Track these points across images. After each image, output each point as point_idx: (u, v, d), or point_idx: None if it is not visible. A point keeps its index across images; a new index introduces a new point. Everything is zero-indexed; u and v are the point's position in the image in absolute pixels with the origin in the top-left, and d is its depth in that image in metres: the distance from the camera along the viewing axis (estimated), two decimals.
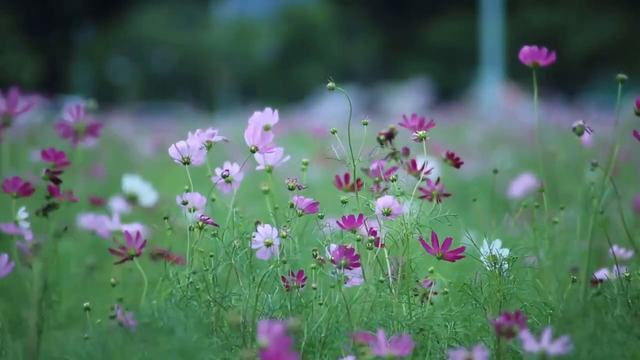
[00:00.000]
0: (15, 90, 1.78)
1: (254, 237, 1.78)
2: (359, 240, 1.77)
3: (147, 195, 2.80)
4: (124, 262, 1.81)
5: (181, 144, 1.81)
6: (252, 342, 1.73)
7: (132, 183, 2.80)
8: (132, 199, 2.79)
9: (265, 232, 1.79)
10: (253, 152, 1.84)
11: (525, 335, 1.53)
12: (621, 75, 1.82)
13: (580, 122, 1.88)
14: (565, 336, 1.53)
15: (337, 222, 1.78)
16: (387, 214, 1.79)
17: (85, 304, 1.80)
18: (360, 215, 1.78)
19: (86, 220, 2.63)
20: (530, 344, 1.52)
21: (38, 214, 1.77)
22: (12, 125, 1.79)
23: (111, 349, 1.55)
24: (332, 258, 1.74)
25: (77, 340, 1.62)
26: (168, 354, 1.53)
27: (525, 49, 1.93)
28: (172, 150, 1.81)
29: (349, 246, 1.74)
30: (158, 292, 1.75)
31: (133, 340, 1.62)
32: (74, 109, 1.74)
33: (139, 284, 2.24)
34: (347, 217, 1.78)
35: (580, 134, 1.87)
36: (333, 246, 1.78)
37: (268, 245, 1.79)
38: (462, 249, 1.78)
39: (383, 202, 1.79)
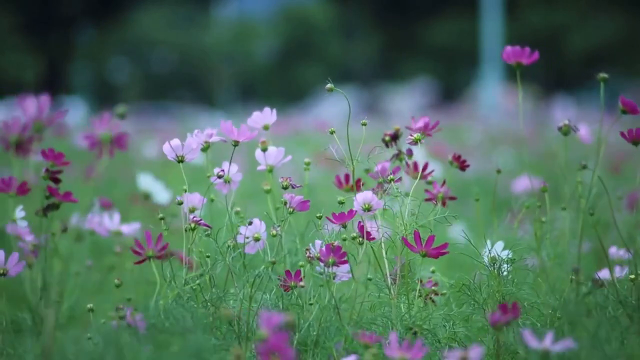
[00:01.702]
0: (47, 96, 1.62)
1: (241, 232, 1.77)
2: (344, 239, 1.75)
3: (160, 193, 2.79)
4: (142, 263, 1.78)
5: (175, 141, 1.80)
6: (247, 341, 1.72)
7: (145, 181, 2.78)
8: (145, 197, 2.79)
9: (254, 227, 1.78)
10: (235, 145, 1.83)
11: (526, 333, 1.52)
12: (602, 75, 1.81)
13: (566, 122, 1.86)
14: (568, 337, 1.52)
15: (327, 217, 1.76)
16: (368, 209, 1.77)
17: (88, 305, 1.80)
18: (350, 211, 1.77)
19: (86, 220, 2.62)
20: (533, 342, 1.51)
21: (38, 214, 1.76)
22: (43, 133, 1.60)
23: (122, 349, 1.55)
24: (319, 255, 1.72)
25: (78, 340, 1.61)
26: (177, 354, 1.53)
27: (508, 48, 1.89)
28: (166, 148, 1.79)
29: (335, 243, 1.72)
30: (159, 293, 1.74)
31: (140, 340, 1.61)
32: (101, 119, 1.60)
33: (138, 284, 2.24)
34: (338, 213, 1.77)
35: (566, 133, 1.86)
36: (318, 242, 1.76)
37: (256, 240, 1.78)
38: (445, 245, 1.74)
39: (362, 197, 1.77)
